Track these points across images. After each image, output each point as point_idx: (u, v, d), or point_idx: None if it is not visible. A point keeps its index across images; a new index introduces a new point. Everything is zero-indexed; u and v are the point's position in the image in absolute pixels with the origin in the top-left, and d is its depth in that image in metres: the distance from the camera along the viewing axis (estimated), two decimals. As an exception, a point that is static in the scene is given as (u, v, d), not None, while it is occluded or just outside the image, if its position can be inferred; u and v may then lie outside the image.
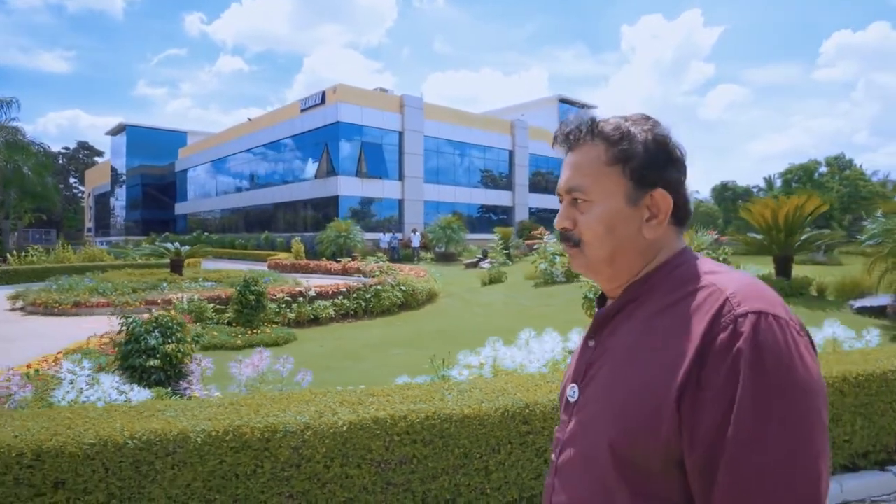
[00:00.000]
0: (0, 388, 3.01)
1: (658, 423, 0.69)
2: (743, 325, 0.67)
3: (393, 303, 10.75)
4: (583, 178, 0.83)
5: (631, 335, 0.79)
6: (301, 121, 29.86)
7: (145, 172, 53.84)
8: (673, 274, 0.80)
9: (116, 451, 2.28)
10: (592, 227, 0.82)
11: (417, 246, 25.54)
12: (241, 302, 7.89)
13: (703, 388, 0.67)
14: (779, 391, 0.65)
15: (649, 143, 0.82)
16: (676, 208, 0.83)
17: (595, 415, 0.79)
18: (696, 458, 0.67)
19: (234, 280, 13.06)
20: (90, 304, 11.02)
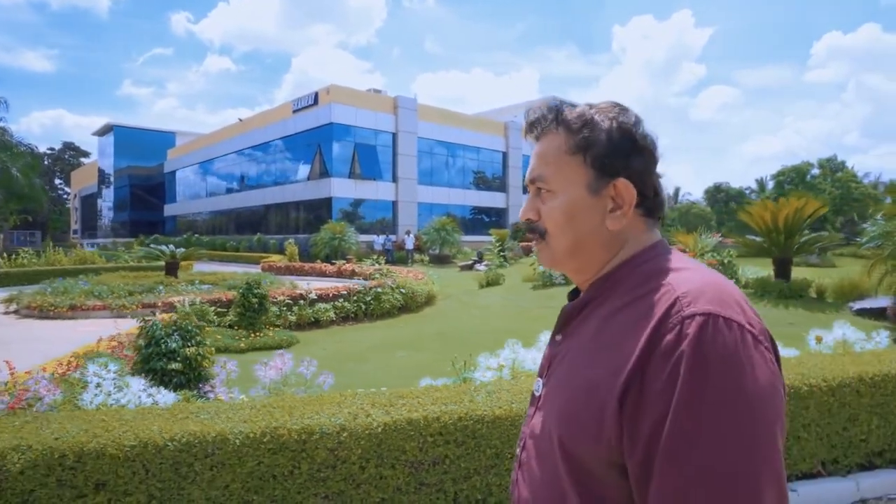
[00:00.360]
0: (20, 391, 3.03)
1: (600, 424, 0.67)
2: (689, 327, 0.64)
3: (393, 305, 10.80)
4: (546, 167, 0.82)
5: (588, 332, 0.78)
6: (293, 122, 29.79)
7: (133, 173, 53.39)
8: (639, 270, 0.77)
9: (156, 453, 2.32)
10: (554, 217, 0.81)
11: (411, 248, 25.58)
12: (243, 305, 7.90)
13: (645, 392, 0.64)
14: (719, 400, 0.60)
15: (613, 131, 0.79)
16: (644, 199, 0.80)
17: (549, 411, 0.78)
18: (634, 463, 0.65)
19: (230, 283, 13.04)
20: (86, 307, 10.95)
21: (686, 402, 0.61)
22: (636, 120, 0.81)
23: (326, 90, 27.53)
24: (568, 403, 0.74)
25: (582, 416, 0.70)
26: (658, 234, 0.83)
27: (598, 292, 0.80)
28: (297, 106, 29.46)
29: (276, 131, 31.27)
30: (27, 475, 2.20)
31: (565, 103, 0.84)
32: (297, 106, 29.46)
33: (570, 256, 0.83)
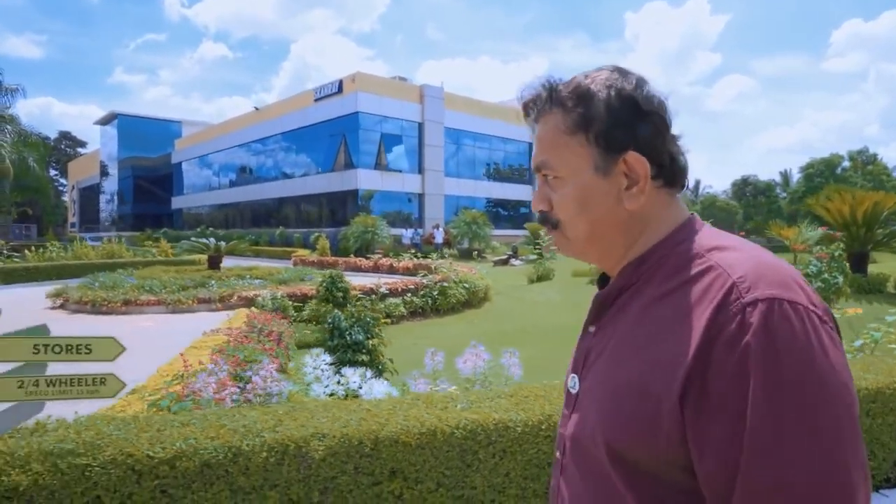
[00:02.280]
0: (234, 387, 3.13)
1: (657, 425, 0.64)
2: (752, 315, 0.60)
3: (458, 300, 10.90)
4: (547, 152, 0.77)
5: (628, 323, 0.73)
6: (315, 110, 29.88)
7: (137, 164, 53.61)
8: (677, 250, 0.72)
9: (445, 441, 2.42)
10: (565, 205, 0.77)
11: (441, 242, 25.66)
12: (327, 299, 8.00)
13: (709, 390, 0.61)
14: (796, 391, 0.58)
15: (612, 100, 0.73)
16: (661, 168, 0.74)
17: (590, 408, 0.74)
18: (707, 469, 0.61)
19: (279, 277, 13.18)
20: (140, 302, 11.07)
21: (762, 400, 0.58)
22: (637, 82, 0.75)
23: (352, 78, 27.59)
24: (615, 405, 0.69)
25: (633, 419, 0.66)
26: (686, 209, 0.78)
27: (633, 277, 0.75)
28: (320, 94, 29.53)
29: (296, 120, 31.37)
30: (328, 462, 2.31)
31: (558, 79, 0.78)
32: (320, 94, 29.53)
33: (590, 244, 0.79)
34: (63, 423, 2.48)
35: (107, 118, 55.19)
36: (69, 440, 2.26)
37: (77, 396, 2.28)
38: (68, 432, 2.34)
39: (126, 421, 2.49)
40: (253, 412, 2.58)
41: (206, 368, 3.87)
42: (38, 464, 2.11)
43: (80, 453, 2.16)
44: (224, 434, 2.29)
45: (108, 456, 2.14)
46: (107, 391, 2.28)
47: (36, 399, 2.26)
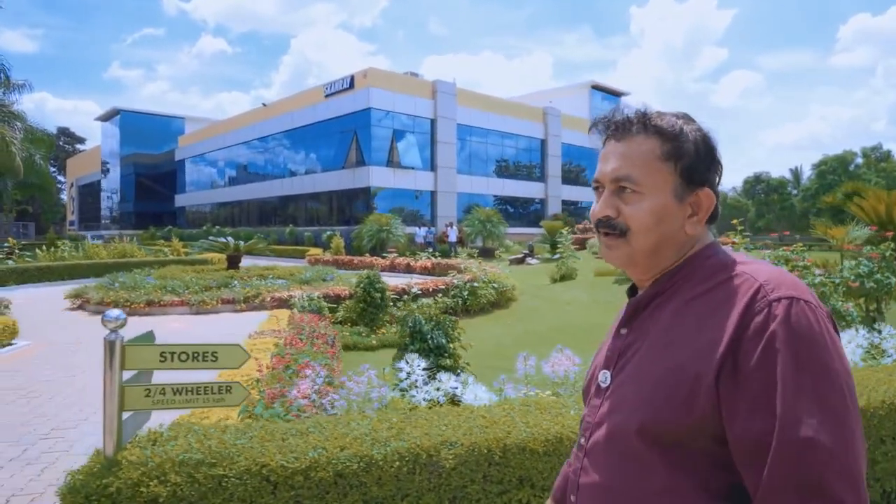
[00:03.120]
0: (329, 391, 3.11)
1: (692, 400, 0.77)
2: (777, 309, 0.75)
3: (488, 300, 10.88)
4: (634, 168, 0.89)
5: (665, 321, 0.87)
6: (326, 107, 29.84)
7: (139, 161, 53.64)
8: (706, 263, 0.88)
9: (570, 448, 2.40)
10: (642, 218, 0.88)
11: (454, 241, 25.63)
12: (365, 300, 7.99)
13: (739, 368, 0.75)
14: (815, 370, 0.73)
15: (699, 143, 0.89)
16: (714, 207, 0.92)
17: (625, 396, 0.86)
18: (737, 436, 0.75)
19: (301, 276, 13.17)
20: (164, 303, 11.08)
21: (790, 374, 0.72)
22: (713, 135, 0.92)
23: (363, 73, 27.54)
24: (654, 387, 0.81)
25: (670, 395, 0.79)
26: (712, 235, 0.94)
27: (666, 286, 0.90)
28: (330, 90, 29.49)
29: (306, 117, 31.34)
30: (459, 471, 2.29)
31: (650, 111, 0.92)
32: (330, 90, 29.49)
33: (649, 256, 0.91)
34: (178, 431, 2.47)
35: (109, 114, 55.21)
36: (195, 450, 2.24)
37: (203, 405, 2.26)
38: (189, 441, 2.32)
39: (241, 429, 2.48)
40: (364, 420, 2.56)
41: (300, 374, 3.85)
42: (175, 474, 2.10)
43: (213, 463, 2.14)
44: (353, 443, 2.27)
45: (243, 466, 2.13)
46: (232, 399, 2.26)
47: (163, 408, 2.25)
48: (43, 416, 4.86)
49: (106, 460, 2.14)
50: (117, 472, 2.07)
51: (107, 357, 2.15)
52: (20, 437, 4.37)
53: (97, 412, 4.94)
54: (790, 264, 7.20)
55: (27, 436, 4.39)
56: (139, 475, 2.06)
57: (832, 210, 36.60)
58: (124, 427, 2.26)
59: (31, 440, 4.30)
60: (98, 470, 2.09)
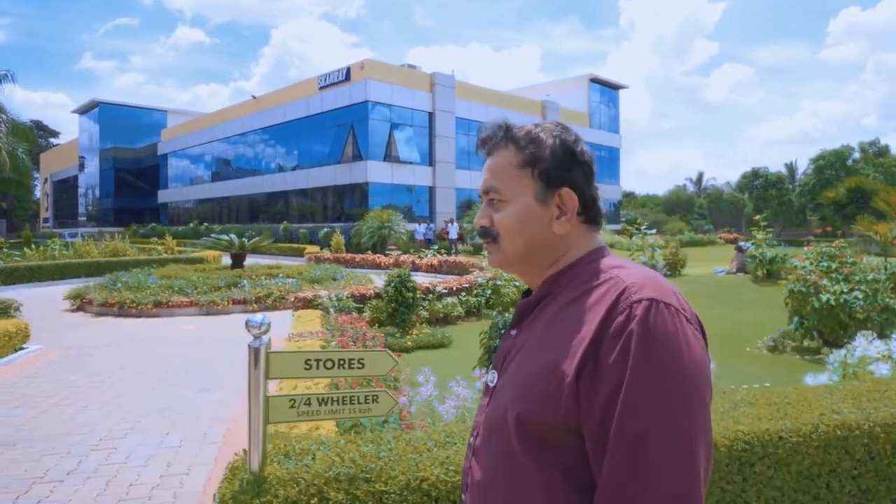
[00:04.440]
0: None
1: (558, 395, 0.82)
2: (637, 310, 0.81)
3: (511, 299, 10.83)
4: (498, 179, 0.98)
5: (544, 323, 0.93)
6: (320, 99, 29.55)
7: (119, 155, 52.74)
8: (587, 268, 0.94)
9: (726, 453, 2.35)
10: (507, 223, 0.96)
11: (455, 238, 25.58)
12: (397, 300, 7.88)
13: (599, 365, 0.80)
14: (663, 371, 0.78)
15: (556, 147, 0.96)
16: (585, 208, 0.97)
17: (507, 394, 0.91)
18: (591, 427, 0.80)
19: (311, 275, 13.02)
20: (172, 303, 10.87)
21: (637, 370, 0.77)
22: (576, 138, 0.99)
23: (360, 65, 27.30)
24: (527, 382, 0.87)
25: (541, 391, 0.84)
26: (599, 240, 1.00)
27: (550, 289, 0.96)
28: (325, 82, 29.21)
29: (299, 110, 31.01)
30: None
31: (512, 124, 1.01)
32: (325, 82, 29.21)
33: (521, 258, 0.98)
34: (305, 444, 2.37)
35: (87, 106, 54.19)
36: (340, 464, 2.15)
37: (350, 416, 2.16)
38: (329, 455, 2.23)
39: (373, 441, 2.38)
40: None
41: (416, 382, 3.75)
42: (334, 491, 2.00)
43: (369, 478, 2.05)
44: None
45: (402, 481, 2.04)
46: (379, 409, 2.17)
47: (308, 420, 2.15)
48: (85, 426, 4.71)
49: (253, 476, 2.03)
50: (273, 490, 1.96)
51: (252, 365, 2.04)
52: (69, 448, 4.23)
53: (141, 421, 4.81)
54: (837, 261, 7.25)
55: (76, 446, 4.25)
56: (296, 493, 1.97)
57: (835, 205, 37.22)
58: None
59: (82, 451, 4.17)
60: (247, 487, 1.99)
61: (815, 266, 7.44)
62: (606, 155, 41.95)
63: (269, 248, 17.18)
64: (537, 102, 36.10)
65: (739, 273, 14.65)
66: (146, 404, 5.28)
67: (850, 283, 6.94)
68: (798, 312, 7.35)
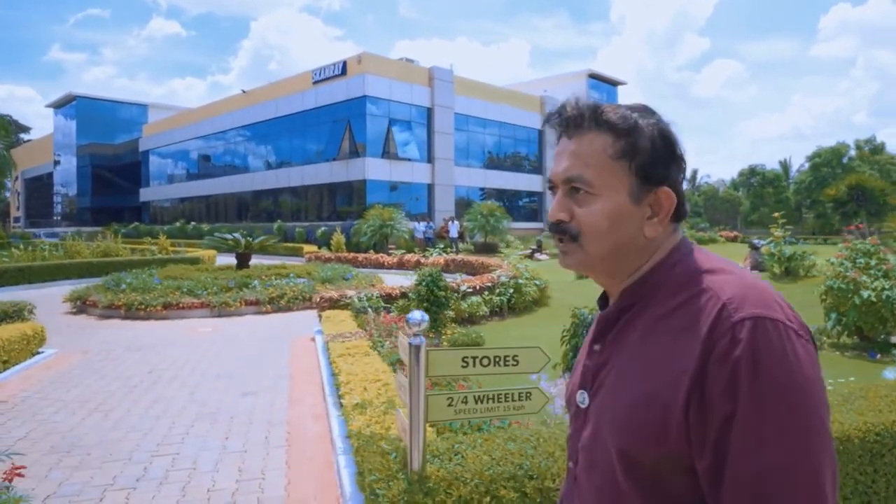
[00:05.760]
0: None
1: (665, 432, 0.77)
2: (741, 332, 0.74)
3: (532, 298, 10.90)
4: (586, 168, 0.86)
5: (635, 340, 0.86)
6: (315, 94, 29.40)
7: (97, 152, 51.99)
8: (672, 273, 0.87)
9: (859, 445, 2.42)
10: (594, 221, 0.86)
11: (455, 236, 25.62)
12: (429, 299, 7.90)
13: (706, 397, 0.75)
14: (777, 399, 0.72)
15: (656, 138, 0.86)
16: (676, 206, 0.89)
17: (605, 422, 0.86)
18: (704, 465, 0.76)
19: (322, 276, 12.98)
20: (182, 305, 10.78)
21: (748, 402, 0.72)
22: (670, 127, 0.90)
23: (357, 59, 27.20)
24: (629, 414, 0.82)
25: (645, 425, 0.79)
26: (680, 233, 0.92)
27: (635, 298, 0.89)
28: (320, 76, 29.06)
29: (292, 105, 30.82)
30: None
31: (601, 103, 0.90)
32: (320, 76, 29.06)
33: (606, 261, 0.89)
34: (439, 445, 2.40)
35: (62, 101, 53.36)
36: (498, 462, 2.18)
37: (504, 414, 2.19)
38: (478, 454, 2.25)
39: (513, 439, 2.41)
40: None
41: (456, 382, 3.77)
42: (504, 489, 2.03)
43: (532, 476, 2.08)
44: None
45: (567, 478, 2.08)
46: (532, 406, 2.20)
47: (465, 419, 2.17)
48: (135, 431, 4.69)
49: (416, 476, 2.05)
50: (443, 489, 1.99)
51: (412, 363, 2.06)
52: (130, 453, 4.20)
53: (194, 425, 4.79)
54: (874, 257, 7.40)
55: (136, 452, 4.23)
56: (468, 492, 1.99)
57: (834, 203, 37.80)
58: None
59: (144, 457, 4.14)
60: (414, 487, 2.01)
61: (852, 263, 7.58)
62: (605, 151, 42.15)
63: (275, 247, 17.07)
64: (536, 98, 36.25)
65: (755, 271, 14.86)
66: (193, 408, 5.25)
67: (891, 279, 7.08)
68: (836, 309, 7.48)
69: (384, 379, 4.37)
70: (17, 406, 5.35)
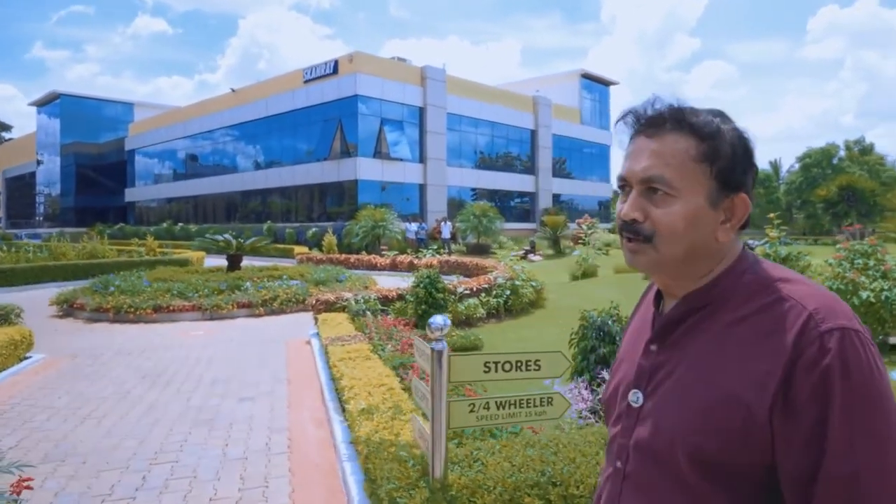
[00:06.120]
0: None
1: (747, 433, 0.80)
2: (830, 342, 0.78)
3: (528, 300, 10.89)
4: (668, 169, 0.87)
5: (707, 343, 0.88)
6: (306, 93, 29.25)
7: (82, 151, 51.45)
8: (742, 280, 0.89)
9: None
10: (673, 223, 0.87)
11: (448, 237, 25.61)
12: (427, 301, 7.86)
13: (793, 401, 0.78)
14: (868, 404, 0.77)
15: (737, 144, 0.88)
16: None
17: (668, 421, 0.88)
18: (790, 469, 0.79)
19: (315, 277, 12.91)
20: (172, 308, 10.66)
21: (841, 407, 0.76)
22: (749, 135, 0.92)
23: (349, 58, 27.10)
24: (703, 413, 0.84)
25: (723, 425, 0.81)
26: (742, 243, 0.94)
27: (701, 303, 0.90)
28: (311, 75, 28.91)
29: (283, 104, 30.65)
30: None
31: (684, 104, 0.92)
32: (311, 75, 28.91)
33: (678, 263, 0.90)
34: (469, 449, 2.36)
35: (46, 98, 52.74)
36: (518, 469, 2.15)
37: (526, 420, 2.17)
38: (498, 461, 2.22)
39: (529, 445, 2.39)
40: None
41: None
42: (529, 497, 2.01)
43: (556, 483, 2.06)
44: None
45: (592, 483, 2.05)
46: (554, 411, 2.18)
47: (488, 425, 2.14)
48: (131, 438, 4.61)
49: (439, 484, 2.02)
50: (466, 497, 1.96)
51: (435, 368, 2.03)
52: (127, 462, 4.13)
53: (192, 432, 4.72)
54: (872, 258, 7.46)
55: (133, 461, 4.16)
56: (492, 500, 1.96)
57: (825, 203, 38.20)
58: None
59: (142, 465, 4.08)
60: (437, 496, 1.98)
61: (850, 264, 7.64)
62: (597, 152, 42.47)
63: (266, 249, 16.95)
64: (529, 98, 36.32)
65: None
66: (190, 414, 5.18)
67: (889, 279, 7.14)
68: (836, 311, 7.54)
69: (388, 383, 4.33)
70: (5, 413, 5.25)
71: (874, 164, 51.89)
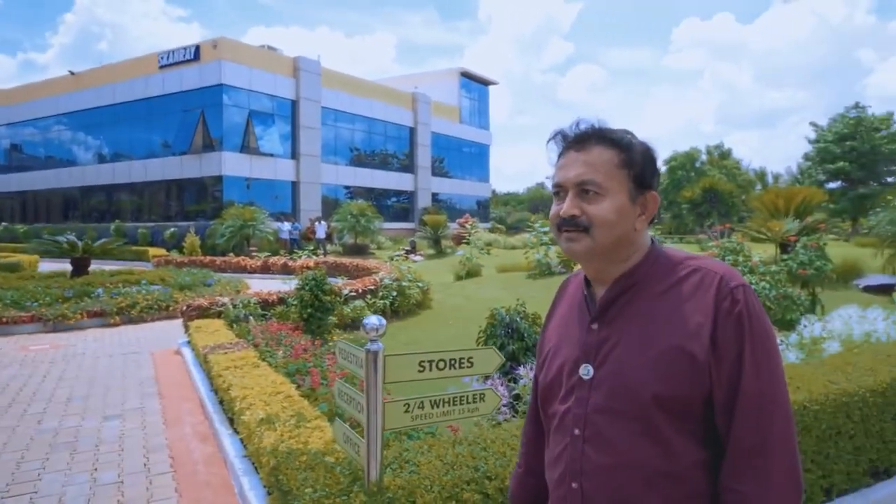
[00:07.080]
0: None
1: (694, 370, 1.06)
2: (738, 295, 1.07)
3: (416, 301, 11.00)
4: (598, 174, 1.13)
5: (642, 315, 1.13)
6: (162, 80, 27.13)
7: None
8: (659, 262, 1.17)
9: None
10: (604, 216, 1.12)
11: (323, 237, 25.14)
12: (312, 305, 7.66)
13: (720, 342, 1.06)
14: (765, 338, 1.07)
15: (646, 154, 1.17)
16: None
17: (625, 379, 1.10)
18: (722, 390, 1.06)
19: (180, 282, 12.09)
20: (5, 319, 9.49)
21: (750, 342, 1.06)
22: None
23: (213, 44, 25.53)
24: (661, 363, 1.08)
25: (676, 370, 1.06)
26: (650, 234, 1.23)
27: (629, 283, 1.16)
28: (167, 60, 26.89)
29: (134, 91, 28.20)
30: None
31: (604, 125, 1.19)
32: (167, 60, 26.89)
33: (608, 250, 1.15)
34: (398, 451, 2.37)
35: None
36: (450, 466, 2.20)
37: (460, 417, 2.21)
38: (430, 459, 2.26)
39: (457, 442, 2.44)
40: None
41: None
42: (469, 493, 2.05)
43: (490, 477, 2.13)
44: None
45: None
46: (485, 408, 2.25)
47: (422, 424, 2.15)
48: None
49: (374, 486, 2.01)
50: (404, 499, 1.96)
51: (370, 369, 2.02)
52: None
53: (50, 457, 4.26)
54: (740, 255, 8.43)
55: None
56: (432, 499, 1.99)
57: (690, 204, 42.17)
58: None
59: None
60: (375, 499, 1.96)
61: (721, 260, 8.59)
62: (476, 151, 43.69)
63: (120, 251, 15.51)
64: (408, 94, 36.54)
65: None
66: (44, 438, 4.64)
67: (756, 274, 8.12)
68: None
69: (285, 391, 4.17)
70: None
71: (731, 168, 57.77)
